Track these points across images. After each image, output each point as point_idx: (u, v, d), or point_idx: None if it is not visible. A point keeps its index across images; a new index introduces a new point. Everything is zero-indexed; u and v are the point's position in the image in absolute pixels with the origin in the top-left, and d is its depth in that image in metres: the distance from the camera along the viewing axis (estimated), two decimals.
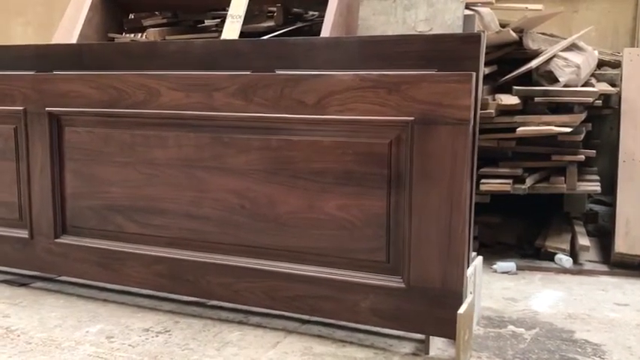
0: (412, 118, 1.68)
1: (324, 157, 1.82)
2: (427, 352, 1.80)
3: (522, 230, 3.12)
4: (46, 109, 2.17)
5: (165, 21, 3.51)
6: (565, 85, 2.75)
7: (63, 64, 2.29)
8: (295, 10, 3.54)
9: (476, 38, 1.80)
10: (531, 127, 2.67)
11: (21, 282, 2.39)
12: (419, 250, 1.71)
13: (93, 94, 2.09)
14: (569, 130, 2.65)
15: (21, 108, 2.21)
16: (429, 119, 1.66)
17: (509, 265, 2.68)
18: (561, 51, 2.81)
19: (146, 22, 3.48)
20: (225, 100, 1.91)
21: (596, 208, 3.50)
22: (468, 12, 2.79)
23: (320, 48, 1.98)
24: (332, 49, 1.96)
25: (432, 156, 1.67)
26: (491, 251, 2.88)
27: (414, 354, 1.80)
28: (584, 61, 2.83)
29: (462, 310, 1.66)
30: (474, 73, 1.66)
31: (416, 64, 1.81)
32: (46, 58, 2.35)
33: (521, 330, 2.02)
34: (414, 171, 1.69)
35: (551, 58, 2.77)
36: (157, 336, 1.89)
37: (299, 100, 1.82)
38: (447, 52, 1.79)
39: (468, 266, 1.78)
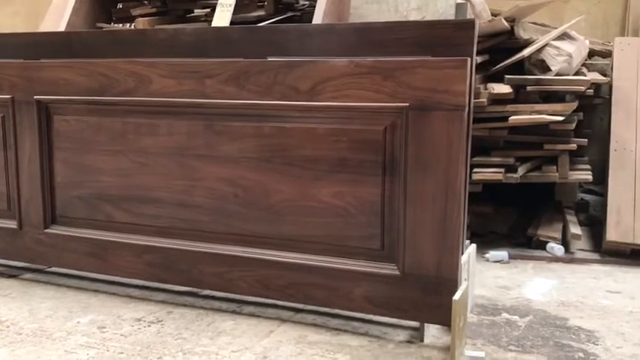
0: (407, 104, 1.67)
1: (317, 144, 1.80)
2: (422, 340, 1.79)
3: (514, 219, 3.13)
4: (35, 97, 2.13)
5: (154, 10, 3.47)
6: (557, 74, 2.75)
7: (52, 52, 2.25)
8: None
9: (470, 25, 1.79)
10: (523, 115, 2.67)
11: (10, 273, 2.35)
12: (414, 237, 1.71)
13: (82, 82, 2.06)
14: (561, 118, 2.66)
15: (9, 96, 2.17)
16: (424, 105, 1.65)
17: (502, 254, 2.69)
18: (553, 40, 2.81)
19: (135, 12, 3.44)
20: (217, 87, 1.89)
21: (587, 197, 3.51)
22: (459, 0, 2.78)
23: (313, 35, 1.96)
24: (325, 36, 1.94)
25: (427, 142, 1.66)
26: (483, 240, 2.88)
27: (408, 341, 1.80)
28: (575, 50, 2.83)
29: (457, 296, 1.65)
30: (469, 59, 1.65)
31: (409, 51, 1.80)
32: (35, 46, 2.31)
33: (515, 317, 2.02)
34: (409, 157, 1.68)
35: (543, 47, 2.77)
36: (149, 326, 1.87)
37: (293, 86, 1.80)
38: (441, 38, 1.78)
39: (462, 254, 1.77)
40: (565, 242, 2.78)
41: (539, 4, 3.05)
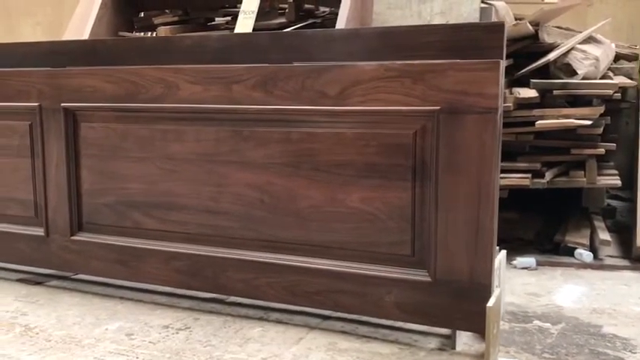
0: (438, 108, 1.64)
1: (346, 149, 1.79)
2: (454, 347, 1.76)
3: (540, 226, 3.08)
4: (62, 104, 2.14)
5: (176, 19, 3.49)
6: (584, 78, 2.71)
7: (76, 61, 2.26)
8: (306, 6, 3.51)
9: (499, 27, 1.77)
10: (550, 120, 2.63)
11: (36, 280, 2.36)
12: (445, 243, 1.68)
13: (109, 89, 2.07)
14: (589, 123, 2.62)
15: (36, 104, 2.19)
16: (456, 108, 1.63)
17: (529, 260, 2.65)
18: (579, 44, 2.77)
19: (157, 20, 3.46)
20: (244, 93, 1.88)
21: (614, 203, 3.46)
22: (483, 5, 2.77)
23: (339, 39, 1.95)
24: (351, 41, 1.93)
25: (458, 146, 1.64)
26: (510, 247, 2.83)
27: (440, 349, 1.77)
28: (602, 53, 2.79)
29: (490, 303, 1.62)
30: (501, 61, 1.63)
31: (437, 55, 1.77)
32: (60, 54, 2.32)
33: (547, 325, 1.98)
34: (440, 162, 1.66)
35: (569, 51, 2.74)
36: (177, 333, 1.86)
37: (321, 91, 1.79)
38: (470, 41, 1.76)
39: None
40: (593, 248, 2.73)
41: (564, 8, 3.02)
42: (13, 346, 1.75)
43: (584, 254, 2.68)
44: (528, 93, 2.67)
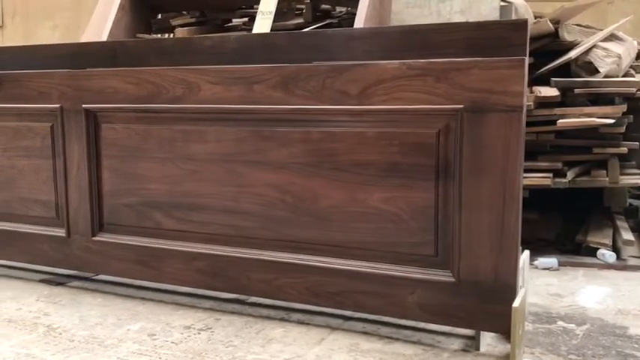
0: (462, 106, 1.63)
1: (367, 148, 1.78)
2: (478, 349, 1.74)
3: (561, 226, 3.05)
4: (83, 106, 2.15)
5: (193, 20, 3.50)
6: (605, 76, 2.68)
7: (96, 62, 2.27)
8: (323, 6, 3.51)
9: (523, 25, 1.75)
10: (572, 119, 2.60)
11: (58, 281, 2.37)
12: (469, 243, 1.66)
13: (130, 90, 2.07)
14: (611, 121, 2.58)
15: (57, 105, 2.20)
16: (480, 107, 1.61)
17: (551, 260, 2.61)
18: (601, 41, 2.74)
19: (174, 22, 3.47)
20: (265, 93, 1.88)
21: (636, 202, 3.41)
22: (502, 3, 2.74)
23: (359, 38, 1.94)
24: (372, 40, 1.92)
25: (483, 145, 1.62)
26: (531, 247, 2.79)
27: (463, 350, 1.75)
28: (624, 51, 2.76)
29: (516, 303, 1.60)
30: (526, 58, 1.61)
31: (459, 53, 1.76)
32: (80, 56, 2.34)
33: (572, 326, 1.96)
34: (464, 161, 1.64)
35: (590, 49, 2.70)
36: (199, 333, 1.86)
37: (342, 90, 1.78)
38: (492, 39, 1.75)
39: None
40: (616, 249, 2.70)
41: (585, 5, 2.98)
42: (37, 346, 1.76)
43: (607, 255, 2.64)
44: (549, 92, 2.64)
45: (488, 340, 1.80)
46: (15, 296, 2.20)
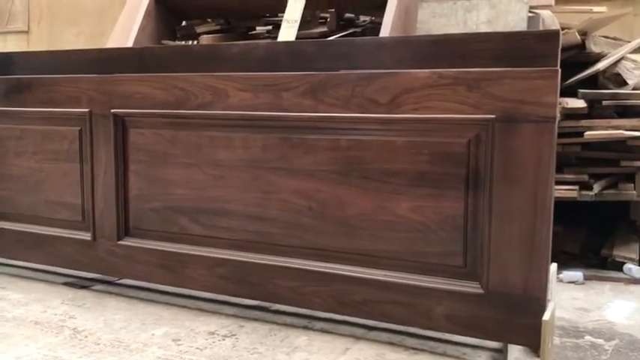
0: (493, 116, 1.62)
1: (396, 157, 1.77)
2: None
3: (585, 239, 3.01)
4: (112, 110, 2.17)
5: (218, 27, 3.53)
6: (634, 88, 2.65)
7: (124, 68, 2.29)
8: (347, 15, 3.52)
9: (554, 36, 1.74)
10: (599, 131, 2.58)
11: (81, 284, 2.39)
12: (499, 254, 1.64)
13: (158, 96, 2.09)
14: (639, 134, 2.55)
15: (86, 110, 2.22)
16: (512, 117, 1.60)
17: (576, 274, 2.58)
18: (629, 53, 2.71)
19: (199, 29, 3.50)
20: (294, 101, 1.88)
21: None
22: (529, 14, 2.73)
23: (388, 47, 1.94)
24: (400, 48, 1.91)
25: (514, 156, 1.60)
26: (555, 260, 2.76)
27: None
28: None
29: (546, 316, 1.58)
30: (559, 69, 1.59)
31: (489, 63, 1.75)
32: (108, 61, 2.36)
33: (600, 341, 1.92)
34: (495, 171, 1.63)
35: (618, 60, 2.68)
36: (223, 339, 1.86)
37: (371, 99, 1.78)
38: (523, 49, 1.73)
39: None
40: None
41: (612, 17, 2.96)
42: (64, 349, 1.77)
43: (634, 269, 2.61)
44: (576, 103, 2.62)
45: (516, 354, 1.77)
46: (40, 299, 2.22)
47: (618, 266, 2.67)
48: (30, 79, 2.36)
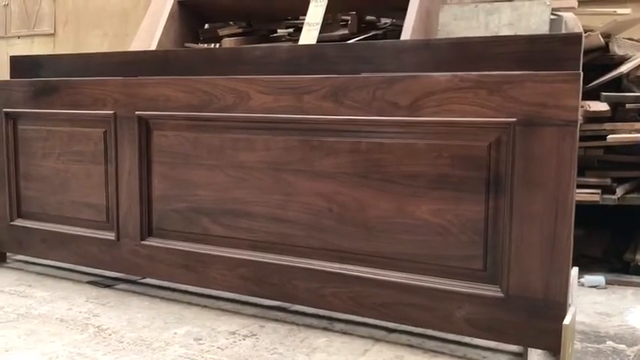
0: (514, 120, 1.62)
1: (417, 160, 1.77)
2: None
3: (608, 243, 2.98)
4: (136, 113, 2.21)
5: (240, 30, 3.56)
6: None
7: (148, 70, 2.34)
8: (368, 18, 3.53)
9: (577, 39, 1.74)
10: (623, 134, 2.55)
11: (105, 283, 2.43)
12: (520, 258, 1.64)
13: (182, 98, 2.12)
14: None
15: (111, 112, 2.26)
16: (533, 121, 1.60)
17: (598, 279, 2.56)
18: None
19: (222, 32, 3.54)
20: (315, 103, 1.90)
21: None
22: (552, 17, 2.71)
23: (409, 50, 1.95)
24: (421, 51, 1.93)
25: (535, 159, 1.60)
26: (576, 264, 2.74)
27: None
28: None
29: (567, 320, 1.57)
30: (581, 73, 1.59)
31: (510, 66, 1.76)
32: (132, 64, 2.41)
33: (622, 346, 1.91)
34: (516, 175, 1.63)
35: None
36: (244, 339, 1.88)
37: (392, 102, 1.79)
38: (545, 52, 1.74)
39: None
40: None
41: (637, 19, 2.93)
42: (89, 346, 1.80)
43: None
44: (599, 106, 2.60)
45: (536, 358, 1.76)
46: (65, 296, 2.27)
47: None
48: (57, 82, 2.41)
